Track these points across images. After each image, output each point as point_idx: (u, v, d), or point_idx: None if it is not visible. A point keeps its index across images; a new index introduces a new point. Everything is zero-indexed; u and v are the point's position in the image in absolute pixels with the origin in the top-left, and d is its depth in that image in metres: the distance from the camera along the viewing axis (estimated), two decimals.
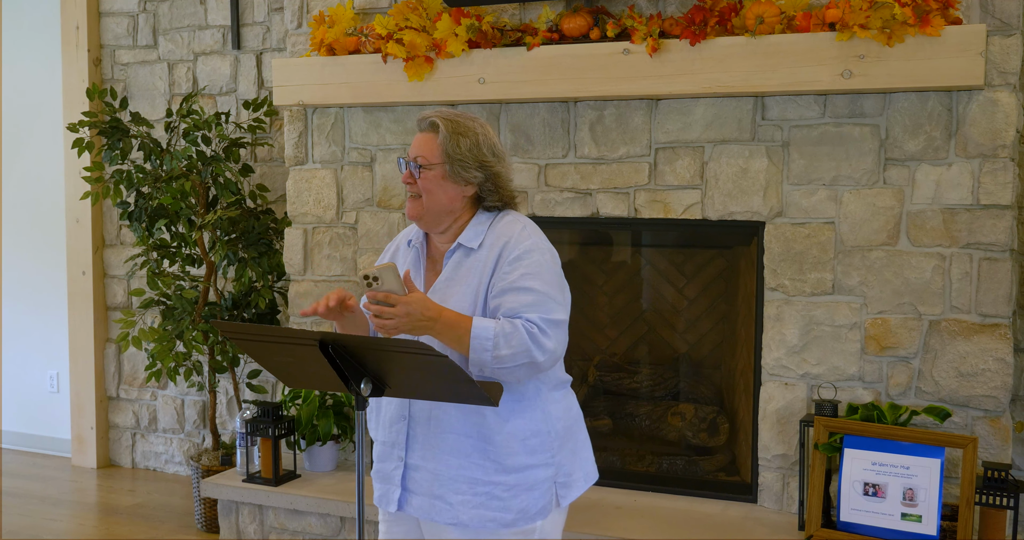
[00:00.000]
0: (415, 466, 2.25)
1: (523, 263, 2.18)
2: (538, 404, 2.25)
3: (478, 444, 2.20)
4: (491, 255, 2.22)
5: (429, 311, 2.05)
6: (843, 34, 3.16)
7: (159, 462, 5.13)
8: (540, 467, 2.24)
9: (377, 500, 2.34)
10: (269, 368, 2.21)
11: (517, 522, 2.23)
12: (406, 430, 2.26)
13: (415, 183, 2.25)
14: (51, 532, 4.29)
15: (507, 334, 2.09)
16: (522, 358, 2.10)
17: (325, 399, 3.98)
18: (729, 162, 3.51)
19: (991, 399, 3.24)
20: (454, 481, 2.21)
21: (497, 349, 2.08)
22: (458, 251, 2.27)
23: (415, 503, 2.26)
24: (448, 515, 2.22)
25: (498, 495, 2.21)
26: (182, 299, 4.33)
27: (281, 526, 3.82)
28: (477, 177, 2.25)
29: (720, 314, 3.91)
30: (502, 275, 2.18)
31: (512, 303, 2.14)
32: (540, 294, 2.15)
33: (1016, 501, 3.04)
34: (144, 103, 4.97)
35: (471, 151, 2.24)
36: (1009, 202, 3.19)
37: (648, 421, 4.00)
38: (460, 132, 2.24)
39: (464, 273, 2.24)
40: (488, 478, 2.21)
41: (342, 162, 4.06)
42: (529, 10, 3.72)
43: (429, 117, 2.27)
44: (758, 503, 3.57)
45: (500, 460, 2.21)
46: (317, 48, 3.90)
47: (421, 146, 2.26)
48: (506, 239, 2.22)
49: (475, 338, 2.08)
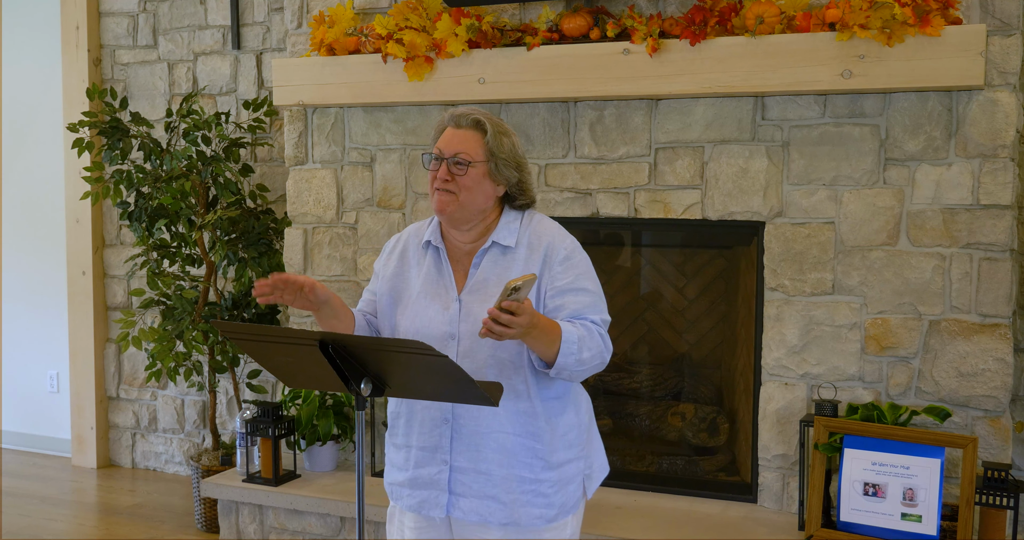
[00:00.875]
0: (461, 469, 2.23)
1: (573, 263, 2.23)
2: (571, 399, 2.30)
3: (526, 442, 2.22)
4: (534, 254, 2.23)
5: (534, 318, 2.04)
6: (843, 34, 3.16)
7: (159, 462, 5.13)
8: (576, 461, 2.29)
9: (416, 507, 2.29)
10: (269, 368, 2.21)
11: (558, 517, 2.26)
12: (450, 433, 2.23)
13: (453, 180, 2.21)
14: (51, 532, 4.29)
15: (586, 338, 2.13)
16: (597, 359, 2.16)
17: (325, 399, 3.98)
18: (729, 162, 3.51)
19: (991, 399, 3.24)
20: (506, 480, 2.22)
21: (581, 353, 2.12)
22: (493, 249, 2.26)
23: (464, 506, 2.24)
24: (502, 515, 2.22)
25: (544, 492, 2.24)
26: (182, 299, 4.33)
27: (281, 526, 3.82)
28: (513, 177, 2.27)
29: (720, 314, 3.91)
30: (557, 275, 2.21)
31: (574, 304, 2.19)
32: (594, 295, 2.23)
33: (1016, 501, 3.04)
34: (144, 103, 4.97)
35: (511, 151, 2.25)
36: (1009, 202, 3.19)
37: (648, 421, 4.00)
38: (503, 132, 2.25)
39: (502, 271, 2.23)
40: (535, 475, 2.23)
41: (342, 162, 4.06)
42: (529, 10, 3.72)
43: (470, 115, 2.24)
44: (758, 503, 3.57)
45: (546, 457, 2.23)
46: (317, 48, 3.90)
47: (463, 143, 2.22)
48: (548, 239, 2.25)
49: (565, 343, 2.10)
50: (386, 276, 2.36)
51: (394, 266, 2.35)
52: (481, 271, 2.25)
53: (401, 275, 2.34)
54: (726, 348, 3.91)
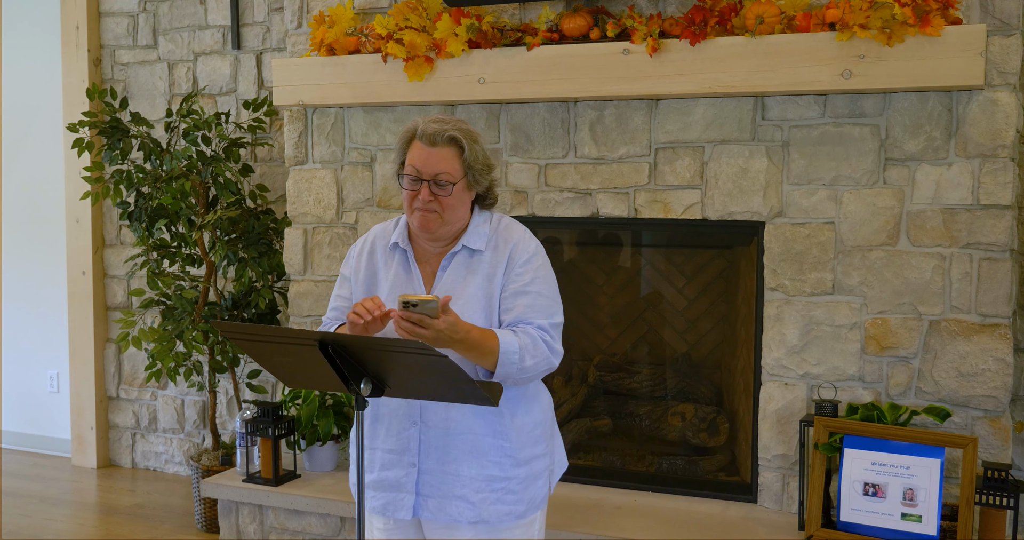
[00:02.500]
0: (429, 470, 2.26)
1: (532, 266, 2.26)
2: (535, 396, 2.35)
3: (495, 442, 2.25)
4: (499, 257, 2.26)
5: (457, 334, 2.07)
6: (843, 34, 3.16)
7: (159, 462, 5.13)
8: (542, 457, 2.33)
9: (381, 509, 2.31)
10: (269, 368, 2.21)
11: (527, 513, 2.30)
12: (418, 435, 2.26)
13: (435, 199, 2.20)
14: (51, 532, 4.29)
15: (529, 347, 2.17)
16: (543, 365, 2.21)
17: (325, 399, 3.98)
18: (729, 162, 3.51)
19: (991, 399, 3.24)
20: (474, 480, 2.25)
21: (523, 361, 2.16)
22: (462, 252, 2.28)
23: (432, 507, 2.26)
24: (472, 514, 2.25)
25: (513, 489, 2.27)
26: (182, 299, 4.33)
27: (281, 526, 3.82)
28: (486, 181, 2.29)
29: (720, 314, 3.91)
30: (514, 277, 2.25)
31: (524, 306, 2.22)
32: (547, 298, 2.26)
33: (1016, 501, 3.04)
34: (144, 103, 4.97)
35: (483, 157, 2.26)
36: (1009, 202, 3.19)
37: (648, 421, 4.00)
38: (474, 141, 2.24)
39: (469, 274, 2.26)
40: (504, 473, 2.26)
41: (342, 162, 4.05)
42: (529, 10, 3.71)
43: (444, 131, 2.20)
44: (758, 503, 3.57)
45: (514, 454, 2.26)
46: (317, 48, 3.90)
47: (442, 162, 2.20)
48: (514, 242, 2.28)
49: (504, 353, 2.14)
50: (359, 280, 2.36)
51: (364, 269, 2.36)
52: (448, 274, 2.27)
53: (372, 277, 2.35)
54: (726, 348, 3.91)
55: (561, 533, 3.30)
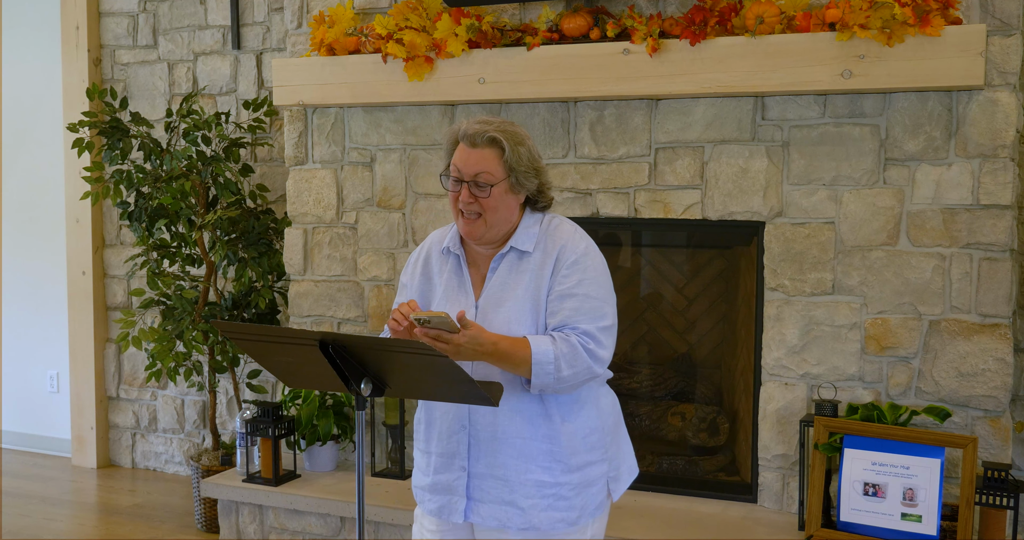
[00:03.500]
0: (479, 474, 2.24)
1: (580, 267, 2.21)
2: (591, 401, 2.29)
3: (543, 446, 2.21)
4: (547, 259, 2.23)
5: (482, 347, 2.06)
6: (843, 34, 3.16)
7: (159, 462, 5.13)
8: (598, 463, 2.28)
9: (436, 512, 2.30)
10: (269, 368, 2.21)
11: (580, 520, 2.26)
12: (467, 440, 2.24)
13: (476, 201, 2.20)
14: (51, 532, 4.29)
15: (566, 355, 2.13)
16: (583, 375, 2.17)
17: (325, 399, 3.98)
18: (729, 162, 3.51)
19: (991, 399, 3.24)
20: (523, 486, 2.21)
21: (559, 371, 2.12)
22: (510, 254, 2.26)
23: (483, 512, 2.24)
24: (521, 520, 2.22)
25: (564, 495, 2.23)
26: (182, 299, 4.33)
27: (281, 526, 3.82)
28: (533, 184, 2.26)
29: (720, 314, 3.91)
30: (561, 278, 2.21)
31: (570, 310, 2.18)
32: (596, 300, 2.21)
33: (1016, 501, 3.04)
34: (144, 103, 4.97)
35: (529, 160, 2.23)
36: (1009, 202, 3.19)
37: (648, 421, 4.00)
38: (518, 142, 2.21)
39: (518, 276, 2.24)
40: (555, 479, 2.22)
41: (342, 162, 4.06)
42: (529, 10, 3.72)
43: (485, 132, 2.19)
44: (758, 503, 3.57)
45: (565, 460, 2.22)
46: (317, 48, 3.90)
47: (481, 163, 2.19)
48: (563, 243, 2.24)
49: (537, 364, 2.11)
50: (414, 286, 2.37)
51: (419, 276, 2.36)
52: (497, 276, 2.25)
53: (427, 284, 2.35)
54: (726, 348, 3.91)
55: None
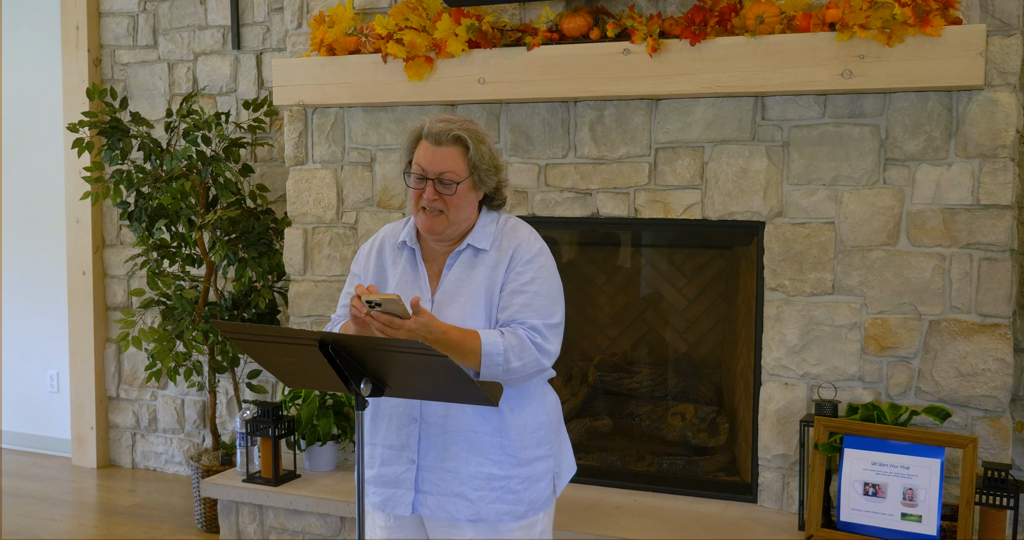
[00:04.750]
0: (428, 467, 2.26)
1: (533, 266, 2.25)
2: (538, 397, 2.33)
3: (494, 439, 2.25)
4: (503, 257, 2.27)
5: (432, 334, 2.08)
6: (843, 34, 3.16)
7: (159, 462, 5.13)
8: (545, 458, 2.32)
9: (380, 505, 2.31)
10: (269, 368, 2.21)
11: (527, 514, 2.29)
12: (418, 432, 2.26)
13: (439, 198, 2.22)
14: (51, 532, 4.29)
15: (515, 347, 2.16)
16: (533, 367, 2.20)
17: (325, 399, 3.98)
18: (729, 162, 3.51)
19: (991, 399, 3.24)
20: (473, 478, 2.24)
21: (508, 363, 2.15)
22: (466, 251, 2.29)
23: (431, 504, 2.26)
24: (469, 512, 2.24)
25: (513, 488, 2.26)
26: (182, 299, 4.33)
27: (281, 526, 3.82)
28: (492, 182, 2.29)
29: (720, 314, 3.91)
30: (514, 276, 2.24)
31: (520, 305, 2.21)
32: (545, 298, 2.24)
33: (1016, 501, 3.04)
34: (144, 103, 4.97)
35: (490, 157, 2.27)
36: (1009, 202, 3.19)
37: (648, 421, 4.00)
38: (480, 141, 2.24)
39: (473, 273, 2.27)
40: (504, 472, 2.25)
41: (342, 162, 4.05)
42: (529, 10, 3.71)
43: (450, 131, 2.22)
44: (758, 503, 3.57)
45: (515, 453, 2.26)
46: (317, 48, 3.90)
47: (446, 161, 2.21)
48: (518, 241, 2.29)
49: (487, 355, 2.14)
50: (368, 278, 2.38)
51: (373, 267, 2.38)
52: (453, 272, 2.28)
53: (381, 274, 2.36)
54: (726, 348, 3.91)
55: (561, 533, 3.30)
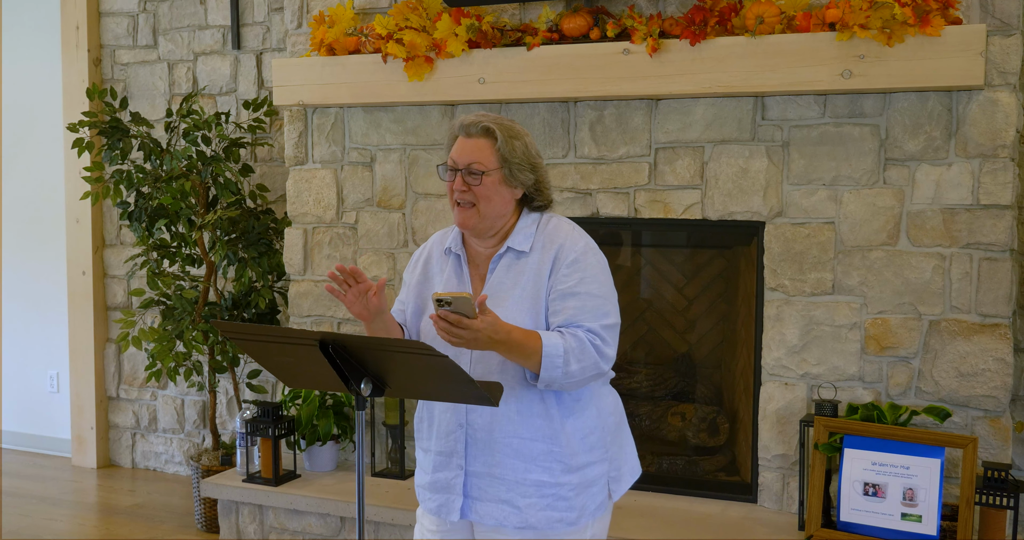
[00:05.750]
0: (477, 473, 2.24)
1: (580, 266, 2.21)
2: (592, 401, 2.28)
3: (543, 446, 2.21)
4: (545, 258, 2.23)
5: (497, 334, 2.05)
6: (843, 34, 3.16)
7: (159, 462, 5.13)
8: (598, 463, 2.27)
9: (435, 510, 2.30)
10: (269, 368, 2.21)
11: (580, 520, 2.25)
12: (464, 438, 2.24)
13: (469, 190, 2.21)
14: (51, 532, 4.29)
15: (575, 350, 2.12)
16: (590, 371, 2.16)
17: (325, 399, 3.98)
18: (729, 162, 3.51)
19: (991, 399, 3.24)
20: (521, 485, 2.21)
21: (567, 366, 2.12)
22: (507, 255, 2.26)
23: (480, 510, 2.24)
24: (517, 519, 2.22)
25: (564, 495, 2.22)
26: (182, 299, 4.33)
27: (281, 526, 3.82)
28: (528, 179, 2.26)
29: (720, 314, 3.91)
30: (561, 278, 2.20)
31: (573, 309, 2.17)
32: (598, 298, 2.20)
33: (1016, 501, 3.04)
34: (144, 103, 4.97)
35: (524, 154, 2.24)
36: (1009, 202, 3.19)
37: (648, 421, 4.00)
38: (513, 135, 2.24)
39: (516, 276, 2.24)
40: (555, 479, 2.22)
41: (342, 162, 4.06)
42: (529, 10, 3.72)
43: (480, 122, 2.23)
44: (758, 503, 3.57)
45: (565, 460, 2.22)
46: (317, 48, 3.90)
47: (475, 152, 2.21)
48: (560, 242, 2.24)
49: (547, 356, 2.10)
50: (412, 284, 2.38)
51: (419, 274, 2.37)
52: (495, 276, 2.26)
53: (426, 283, 2.35)
54: (726, 348, 3.91)
55: None
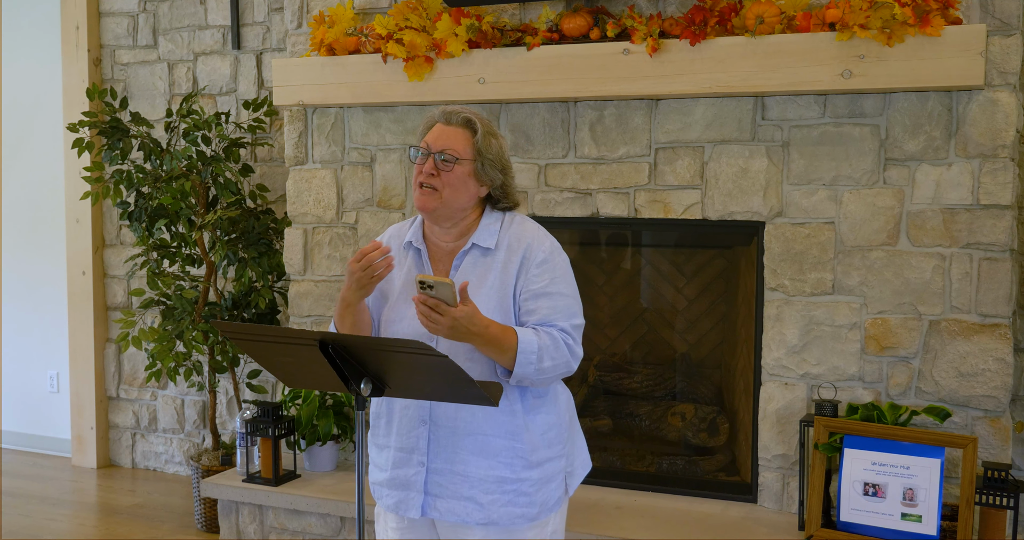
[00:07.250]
0: (438, 470, 2.25)
1: (550, 266, 2.24)
2: (551, 397, 2.31)
3: (506, 442, 2.23)
4: (512, 257, 2.25)
5: (475, 326, 2.06)
6: (843, 34, 3.16)
7: (159, 462, 5.13)
8: (557, 459, 2.30)
9: (393, 507, 2.31)
10: (269, 368, 2.21)
11: (540, 515, 2.27)
12: (427, 434, 2.25)
13: (438, 175, 2.23)
14: (51, 532, 4.29)
15: (549, 348, 2.15)
16: (562, 368, 2.19)
17: (325, 399, 3.98)
18: (729, 162, 3.51)
19: (991, 399, 3.24)
20: (483, 481, 2.23)
21: (541, 362, 2.14)
22: (472, 251, 2.28)
23: (441, 507, 2.25)
24: (480, 515, 2.23)
25: (525, 491, 2.24)
26: (182, 299, 4.33)
27: (281, 526, 3.82)
28: (497, 179, 2.29)
29: (720, 314, 3.91)
30: (533, 278, 2.22)
31: (547, 308, 2.20)
32: (568, 298, 2.24)
33: (1016, 501, 3.05)
34: (144, 103, 4.97)
35: (498, 153, 2.27)
36: (1009, 202, 3.19)
37: (648, 421, 4.00)
38: (492, 133, 2.27)
39: (482, 273, 2.25)
40: (516, 475, 2.23)
41: (342, 162, 4.06)
42: (529, 10, 3.71)
43: (461, 113, 2.26)
44: (758, 503, 3.57)
45: (526, 456, 2.24)
46: (317, 48, 3.90)
47: (452, 140, 2.24)
48: (527, 241, 2.26)
49: (522, 353, 2.12)
50: None
51: None
52: (461, 273, 2.27)
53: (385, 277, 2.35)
54: (726, 348, 3.91)
55: None
